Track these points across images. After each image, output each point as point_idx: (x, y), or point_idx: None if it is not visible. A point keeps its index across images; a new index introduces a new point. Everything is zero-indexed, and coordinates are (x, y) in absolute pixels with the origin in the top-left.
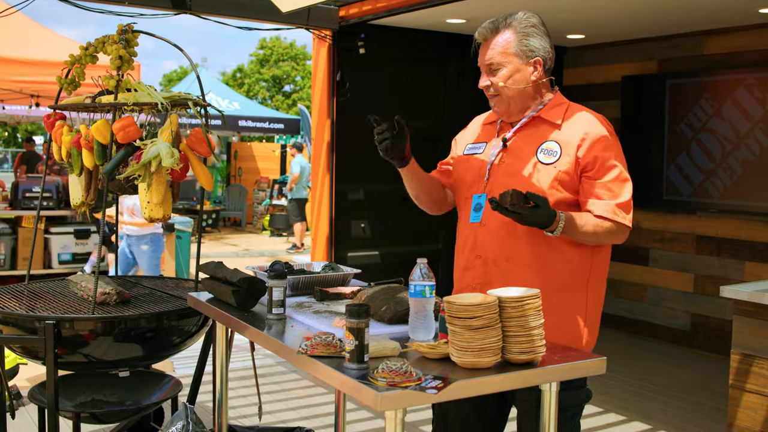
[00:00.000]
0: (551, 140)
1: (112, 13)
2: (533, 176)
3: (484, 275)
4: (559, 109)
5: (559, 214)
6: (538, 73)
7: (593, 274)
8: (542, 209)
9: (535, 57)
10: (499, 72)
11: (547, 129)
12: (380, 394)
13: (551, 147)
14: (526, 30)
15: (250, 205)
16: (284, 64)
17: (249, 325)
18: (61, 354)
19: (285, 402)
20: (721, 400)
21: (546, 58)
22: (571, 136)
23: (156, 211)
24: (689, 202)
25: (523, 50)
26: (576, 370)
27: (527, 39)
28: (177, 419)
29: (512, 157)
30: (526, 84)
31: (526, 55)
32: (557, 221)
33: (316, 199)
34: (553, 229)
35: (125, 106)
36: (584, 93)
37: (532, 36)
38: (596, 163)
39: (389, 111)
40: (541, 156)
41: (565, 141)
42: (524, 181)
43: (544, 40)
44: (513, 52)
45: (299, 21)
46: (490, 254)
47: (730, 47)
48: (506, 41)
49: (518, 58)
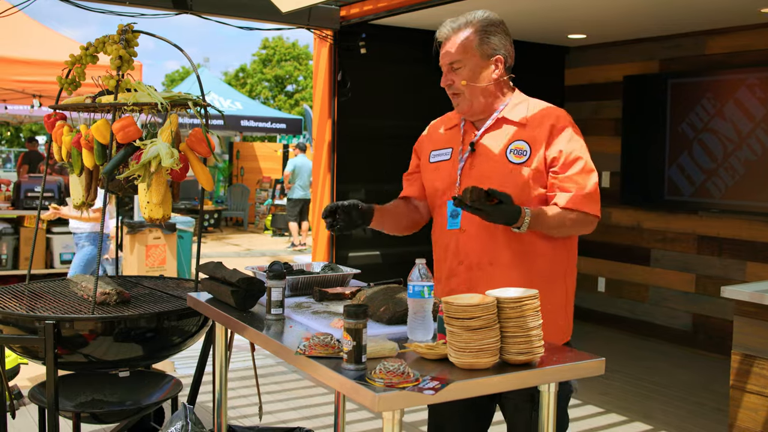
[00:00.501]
0: (519, 140)
1: (112, 13)
2: (506, 177)
3: (469, 281)
4: (521, 108)
5: (524, 209)
6: (499, 71)
7: (569, 264)
8: (506, 206)
9: (496, 55)
10: (460, 70)
11: (512, 129)
12: (378, 394)
13: (520, 147)
14: (487, 28)
15: (252, 205)
16: (287, 63)
17: (248, 325)
18: (61, 354)
19: (285, 402)
20: (722, 401)
21: (506, 56)
22: (537, 134)
23: (156, 211)
24: (691, 202)
25: (484, 48)
26: (574, 371)
27: (488, 37)
28: (176, 419)
29: (482, 160)
30: (488, 82)
31: (487, 53)
32: (522, 217)
33: (317, 199)
34: (519, 225)
35: (125, 106)
36: (586, 93)
37: (493, 34)
38: (560, 157)
39: (390, 111)
40: (511, 156)
41: (532, 139)
42: (497, 183)
43: (504, 38)
44: (474, 51)
45: (300, 21)
46: (474, 259)
47: (731, 47)
48: (467, 39)
49: (479, 57)
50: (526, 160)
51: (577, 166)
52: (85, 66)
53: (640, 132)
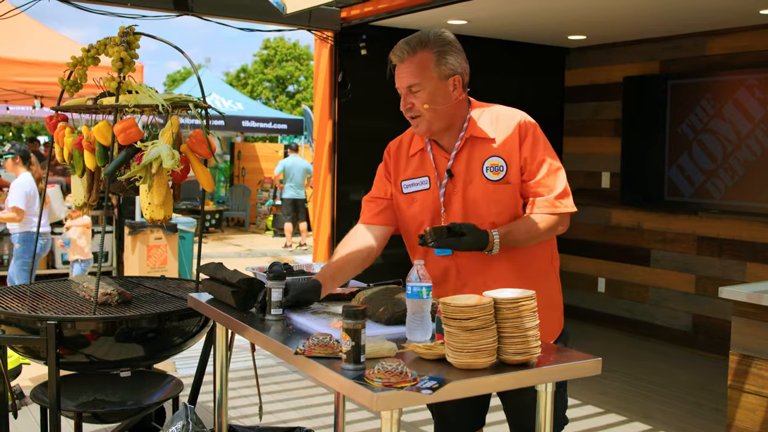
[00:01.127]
0: (493, 155)
1: (114, 14)
2: (491, 197)
3: (460, 290)
4: (485, 120)
5: (491, 233)
6: (457, 91)
7: (554, 256)
8: (469, 236)
9: (455, 75)
10: (419, 93)
11: (483, 146)
12: (376, 394)
13: (495, 163)
14: (443, 48)
15: (253, 206)
16: (288, 64)
17: (248, 326)
18: (63, 354)
19: (286, 402)
20: (721, 401)
21: (463, 74)
22: (509, 147)
23: (157, 212)
24: (691, 202)
25: (441, 69)
26: (571, 371)
27: (444, 57)
28: (177, 419)
29: (462, 184)
30: (448, 103)
31: (445, 74)
32: (491, 240)
33: (317, 200)
34: (490, 248)
35: (126, 107)
36: (586, 94)
37: (449, 53)
38: (527, 164)
39: (390, 112)
40: (488, 174)
41: (506, 154)
42: (483, 202)
43: (460, 56)
44: (432, 72)
45: (301, 22)
46: (478, 280)
47: (731, 48)
48: (424, 61)
49: (437, 78)
50: (504, 175)
51: (543, 169)
52: (86, 68)
53: (640, 133)
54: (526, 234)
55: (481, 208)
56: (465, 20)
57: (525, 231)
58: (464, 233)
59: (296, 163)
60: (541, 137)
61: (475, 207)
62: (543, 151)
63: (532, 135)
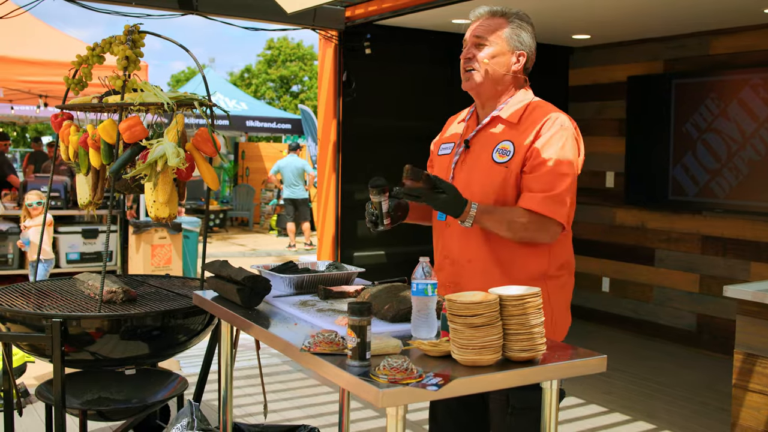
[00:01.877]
0: (507, 140)
1: (118, 14)
2: (486, 176)
3: (454, 275)
4: (519, 108)
5: (471, 204)
6: (519, 65)
7: (551, 264)
8: (446, 196)
9: (521, 50)
10: (484, 48)
11: (505, 129)
12: (381, 390)
13: (506, 147)
14: (521, 24)
15: (257, 205)
16: (292, 64)
17: (253, 323)
18: (68, 352)
19: (290, 401)
20: (726, 400)
21: (530, 55)
22: (525, 135)
23: (162, 210)
24: (695, 202)
25: (512, 39)
26: (576, 368)
27: (519, 31)
28: (182, 416)
29: (472, 157)
30: (506, 71)
31: (514, 44)
32: (467, 211)
33: (322, 199)
34: (463, 219)
35: (131, 106)
36: (590, 93)
37: (525, 31)
38: (532, 156)
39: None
40: (496, 156)
41: (518, 139)
42: (479, 180)
43: (531, 38)
44: (504, 37)
45: (305, 21)
46: (455, 255)
47: (735, 47)
48: (500, 25)
49: (506, 44)
50: (508, 160)
51: (546, 166)
52: (91, 66)
53: (645, 132)
54: (503, 223)
55: (474, 185)
56: (468, 20)
57: (503, 219)
58: (443, 191)
59: (290, 163)
60: (563, 140)
61: (470, 182)
62: (557, 151)
63: (554, 131)
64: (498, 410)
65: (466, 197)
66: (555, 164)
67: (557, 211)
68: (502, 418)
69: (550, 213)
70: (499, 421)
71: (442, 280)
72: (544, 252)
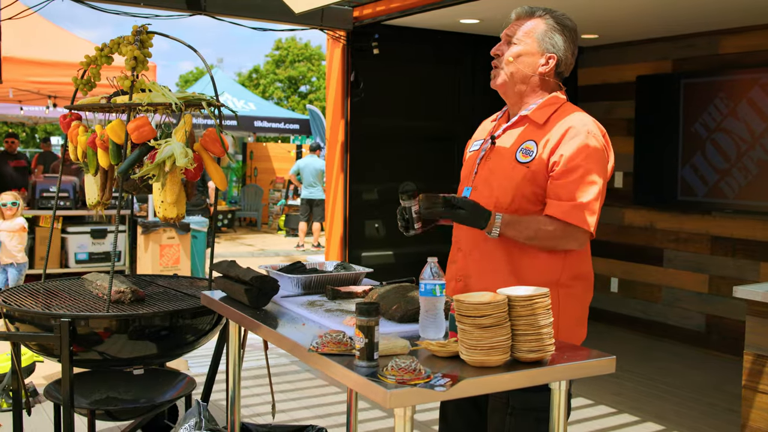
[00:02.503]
0: (531, 140)
1: (127, 14)
2: (507, 173)
3: (464, 268)
4: (547, 110)
5: (495, 215)
6: (547, 67)
7: (564, 273)
8: (465, 212)
9: (552, 53)
10: (512, 47)
11: (531, 129)
12: (389, 391)
13: (529, 147)
14: (557, 27)
15: (265, 206)
16: (300, 64)
17: (261, 323)
18: (77, 351)
19: (298, 401)
20: (735, 402)
21: (561, 59)
22: (551, 136)
23: (170, 211)
24: (704, 202)
25: (544, 41)
26: (585, 369)
27: (553, 34)
28: (190, 416)
29: (496, 154)
30: (532, 71)
31: (545, 47)
32: (491, 222)
33: (330, 199)
34: (489, 230)
35: (140, 106)
36: (599, 93)
37: (559, 34)
38: (560, 162)
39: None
40: (519, 155)
41: (543, 142)
42: (499, 176)
43: (568, 44)
44: (534, 37)
45: (313, 22)
46: (466, 247)
47: (744, 46)
48: (534, 26)
49: (536, 45)
50: (530, 160)
51: (576, 173)
52: (100, 67)
53: (653, 132)
54: (527, 232)
55: (494, 181)
56: (477, 19)
57: (530, 228)
58: (462, 207)
59: (309, 164)
60: (591, 148)
61: (490, 178)
62: (585, 158)
63: (582, 139)
64: (497, 410)
65: (485, 192)
66: (584, 172)
67: (585, 220)
68: (501, 419)
69: (577, 222)
70: (498, 421)
71: (453, 273)
72: (558, 259)
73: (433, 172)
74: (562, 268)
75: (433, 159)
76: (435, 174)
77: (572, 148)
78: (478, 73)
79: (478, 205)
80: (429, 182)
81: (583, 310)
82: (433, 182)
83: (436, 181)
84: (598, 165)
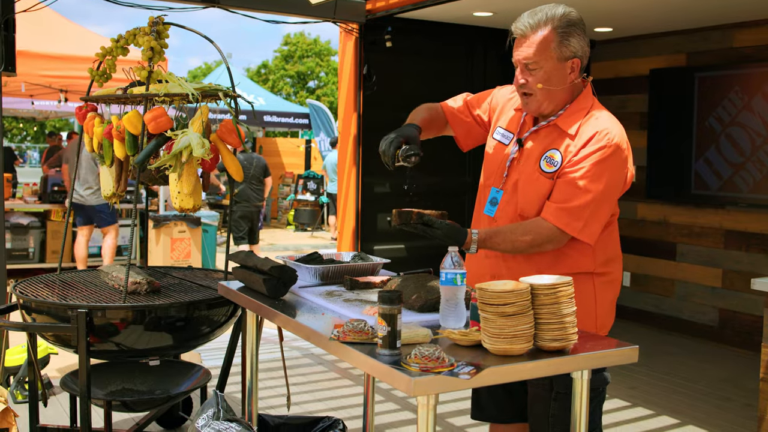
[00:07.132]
0: (556, 149)
1: (141, 6)
2: (531, 184)
3: (496, 267)
4: (577, 116)
5: (471, 233)
6: (574, 74)
7: (597, 261)
8: (441, 232)
9: (574, 58)
10: (536, 72)
11: (558, 137)
12: (413, 379)
13: (554, 156)
14: (567, 29)
15: (274, 200)
16: (308, 60)
17: (280, 312)
18: (93, 342)
19: (312, 393)
20: (749, 396)
21: (583, 58)
22: (574, 146)
23: (186, 201)
24: (718, 196)
25: (562, 50)
26: (608, 358)
27: (567, 38)
28: (208, 406)
29: (524, 159)
30: (563, 86)
31: (565, 55)
32: (468, 240)
33: (342, 192)
34: (467, 247)
35: (156, 96)
36: (612, 86)
37: (572, 35)
38: (566, 163)
39: (415, 104)
40: (543, 164)
41: (568, 151)
42: (524, 189)
43: (582, 39)
44: (552, 53)
45: (327, 14)
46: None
47: (759, 40)
48: (546, 40)
49: (557, 59)
50: (555, 170)
51: (573, 177)
52: (115, 58)
53: (667, 126)
54: (508, 243)
55: (520, 194)
56: (490, 12)
57: (507, 240)
58: (438, 228)
59: (331, 159)
60: (605, 158)
61: (516, 190)
62: (593, 167)
63: (597, 148)
64: (539, 397)
65: (512, 200)
66: (587, 180)
67: (570, 224)
68: (545, 405)
69: (562, 225)
70: (541, 409)
71: (488, 268)
72: (587, 249)
73: (445, 165)
74: (593, 257)
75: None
76: (446, 167)
77: (584, 155)
78: (490, 66)
79: (453, 226)
80: (440, 175)
81: (617, 291)
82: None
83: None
84: (607, 176)
